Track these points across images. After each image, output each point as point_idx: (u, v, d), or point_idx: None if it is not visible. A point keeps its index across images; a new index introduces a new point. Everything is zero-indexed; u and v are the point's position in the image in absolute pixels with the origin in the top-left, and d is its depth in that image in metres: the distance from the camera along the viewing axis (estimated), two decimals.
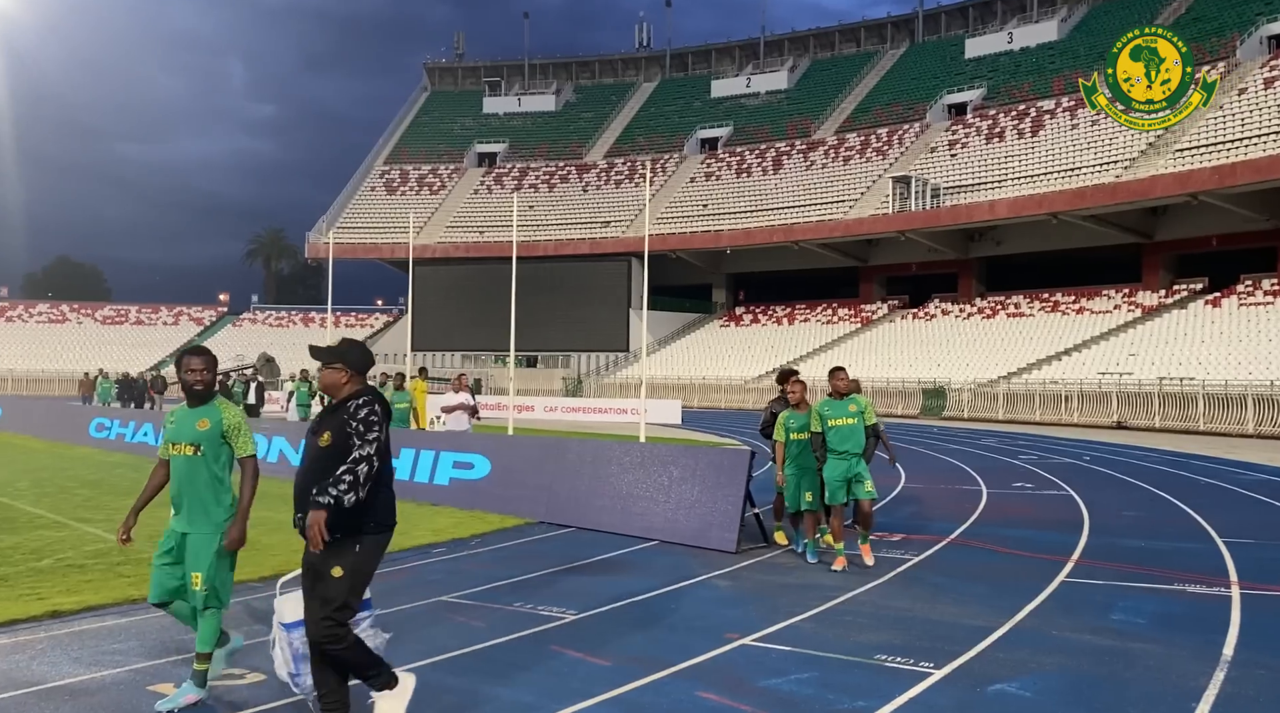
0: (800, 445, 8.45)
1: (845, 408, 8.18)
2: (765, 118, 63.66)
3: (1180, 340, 35.00)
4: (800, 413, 8.52)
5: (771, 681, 5.16)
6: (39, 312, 68.01)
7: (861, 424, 8.19)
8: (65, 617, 6.40)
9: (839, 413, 8.16)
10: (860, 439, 8.16)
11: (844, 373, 8.38)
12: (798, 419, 8.49)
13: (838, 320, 51.71)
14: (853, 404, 8.20)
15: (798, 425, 8.47)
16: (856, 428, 8.14)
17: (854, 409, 8.18)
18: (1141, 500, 12.85)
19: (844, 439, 8.09)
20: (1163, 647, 5.81)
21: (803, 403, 8.63)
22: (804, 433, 8.38)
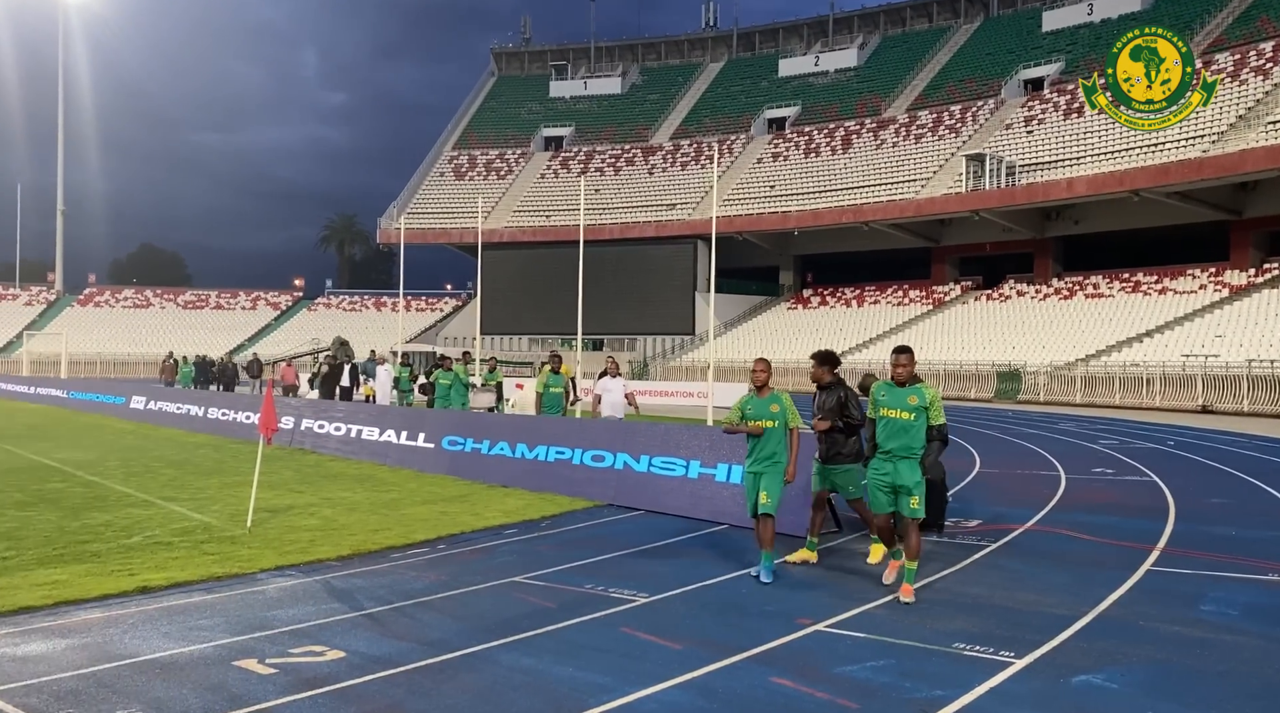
0: (759, 438, 7.23)
1: (904, 398, 6.75)
2: (834, 97, 62.66)
3: (1271, 321, 33.58)
4: (760, 398, 7.28)
5: (846, 667, 5.09)
6: (124, 297, 70.46)
7: (922, 421, 6.72)
8: (154, 592, 6.62)
9: (895, 402, 6.77)
10: (916, 439, 6.70)
11: (908, 357, 6.86)
12: (755, 405, 7.25)
13: (909, 302, 50.81)
14: (914, 395, 6.73)
15: (754, 413, 7.25)
16: (913, 426, 6.69)
17: (914, 401, 6.71)
18: (1230, 487, 12.38)
19: (893, 435, 6.71)
20: (1257, 639, 5.58)
21: (765, 387, 7.34)
22: (763, 421, 7.20)
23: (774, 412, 7.19)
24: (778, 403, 7.23)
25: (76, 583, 6.77)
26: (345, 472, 13.36)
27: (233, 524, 9.15)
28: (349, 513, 9.95)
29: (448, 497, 11.05)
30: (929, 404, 6.75)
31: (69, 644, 5.42)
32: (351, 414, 16.28)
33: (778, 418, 7.19)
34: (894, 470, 6.68)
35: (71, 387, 32.43)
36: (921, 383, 6.84)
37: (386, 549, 8.22)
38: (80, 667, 5.01)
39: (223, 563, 7.50)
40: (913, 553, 6.61)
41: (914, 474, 6.65)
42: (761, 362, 7.53)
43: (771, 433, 7.18)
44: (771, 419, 7.18)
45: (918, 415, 6.72)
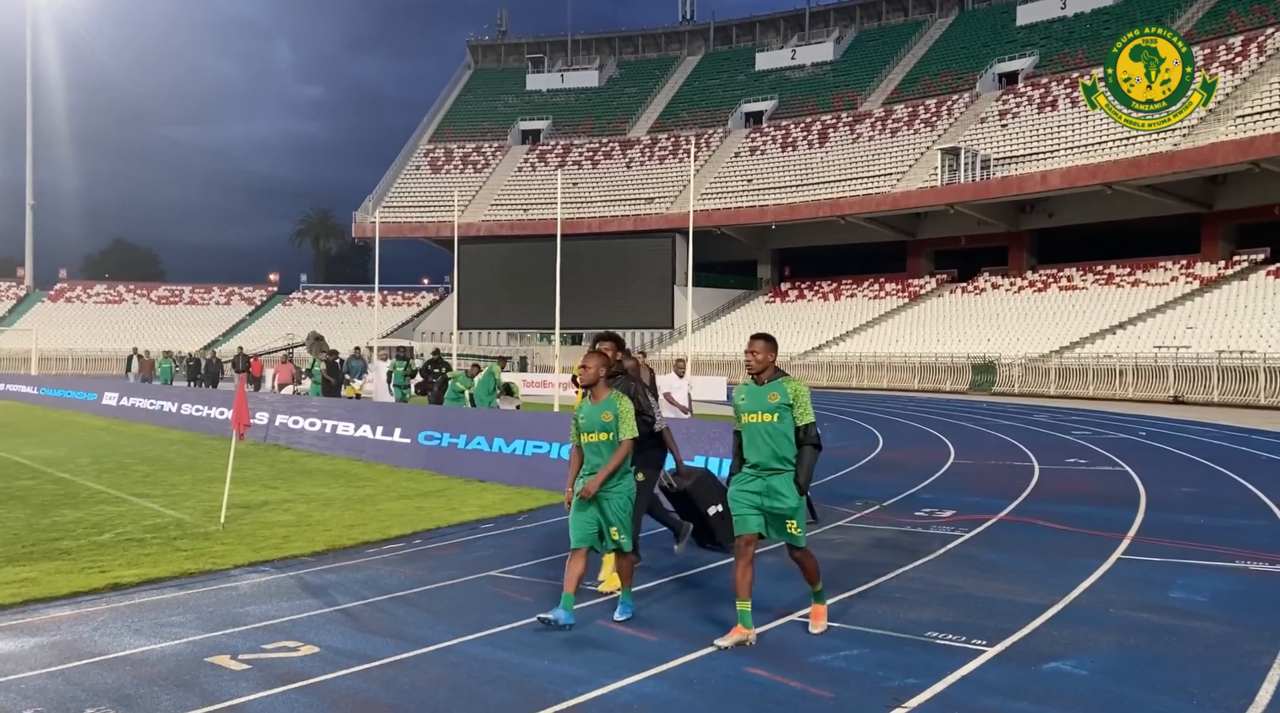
0: (592, 448, 5.86)
1: (764, 397, 5.54)
2: (811, 90, 62.81)
3: (1240, 313, 34.04)
4: (593, 405, 5.89)
5: (821, 657, 5.12)
6: (96, 293, 69.65)
7: (787, 423, 5.49)
8: (126, 589, 6.56)
9: (755, 404, 5.55)
10: (785, 445, 5.47)
11: (761, 345, 5.66)
12: (586, 411, 5.88)
13: (885, 295, 51.10)
14: (774, 392, 5.54)
15: (586, 420, 5.86)
16: (777, 429, 5.47)
17: (775, 399, 5.51)
18: (1200, 476, 12.55)
19: (757, 444, 5.51)
20: (1224, 626, 5.67)
21: (599, 385, 5.96)
22: (596, 433, 5.82)
23: (605, 421, 5.83)
24: (609, 410, 5.83)
25: (46, 581, 6.70)
26: (320, 467, 13.28)
27: (206, 521, 9.08)
28: (323, 509, 9.90)
29: (424, 492, 11.02)
30: (792, 400, 5.53)
31: (38, 643, 5.36)
32: (326, 409, 16.19)
33: (610, 428, 5.84)
34: (765, 489, 5.47)
35: (42, 383, 32.04)
36: (784, 377, 5.64)
37: (361, 545, 8.19)
38: (49, 665, 4.96)
39: (195, 559, 7.44)
40: (812, 576, 5.67)
41: (790, 494, 5.44)
42: (594, 353, 6.06)
43: (607, 447, 5.81)
44: (604, 430, 5.83)
45: (781, 416, 5.49)
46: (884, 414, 24.48)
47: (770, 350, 5.67)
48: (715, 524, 7.73)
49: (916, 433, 19.25)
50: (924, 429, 20.04)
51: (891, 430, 19.68)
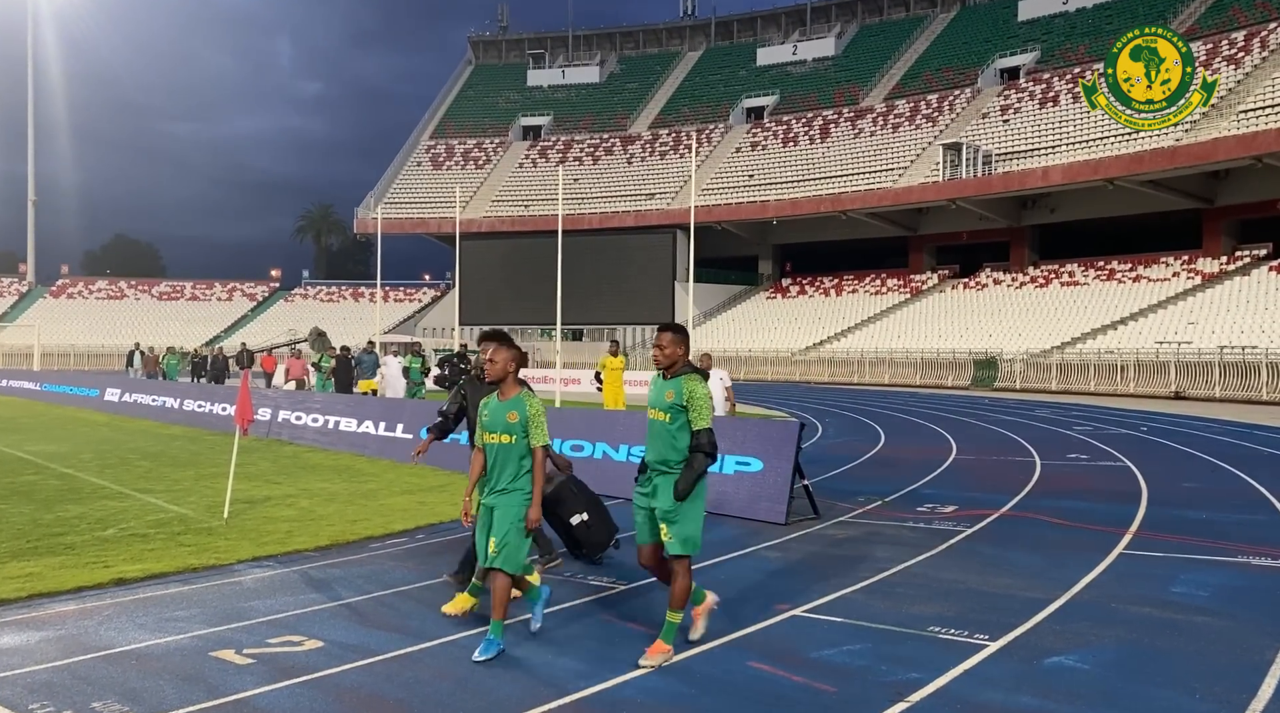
0: (494, 450, 5.22)
1: (661, 394, 5.12)
2: (812, 86, 62.73)
3: (1242, 308, 34.01)
4: (499, 402, 5.26)
5: (823, 651, 5.13)
6: (98, 288, 69.66)
7: (680, 426, 5.05)
8: (130, 584, 6.58)
9: (654, 399, 5.17)
10: (672, 448, 5.05)
11: (669, 337, 5.18)
12: (491, 409, 5.26)
13: (886, 291, 51.06)
14: (671, 389, 5.07)
15: (489, 419, 5.25)
16: (669, 430, 5.06)
17: (670, 398, 5.05)
18: (1202, 472, 12.56)
19: (650, 443, 5.18)
20: (1226, 620, 5.68)
21: (508, 381, 5.32)
22: (498, 434, 5.20)
23: (510, 422, 5.17)
24: (515, 410, 5.21)
25: (50, 575, 6.72)
26: (323, 463, 13.30)
27: (209, 516, 9.10)
28: (327, 504, 9.92)
29: (427, 487, 11.03)
30: (686, 401, 5.01)
31: (43, 637, 5.38)
32: (329, 405, 16.20)
33: (515, 430, 5.19)
34: (652, 490, 5.08)
35: (44, 379, 32.08)
36: (688, 374, 5.12)
37: (365, 539, 8.20)
38: (54, 659, 4.98)
39: (199, 554, 7.46)
40: (676, 600, 5.03)
41: (668, 497, 5.00)
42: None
43: (508, 451, 5.20)
44: (507, 431, 5.19)
45: (674, 416, 5.05)
46: (886, 410, 24.48)
47: (679, 343, 5.19)
48: (581, 534, 7.08)
49: (918, 429, 19.26)
50: (926, 425, 20.05)
51: (893, 426, 19.69)
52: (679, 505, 5.01)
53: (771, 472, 9.11)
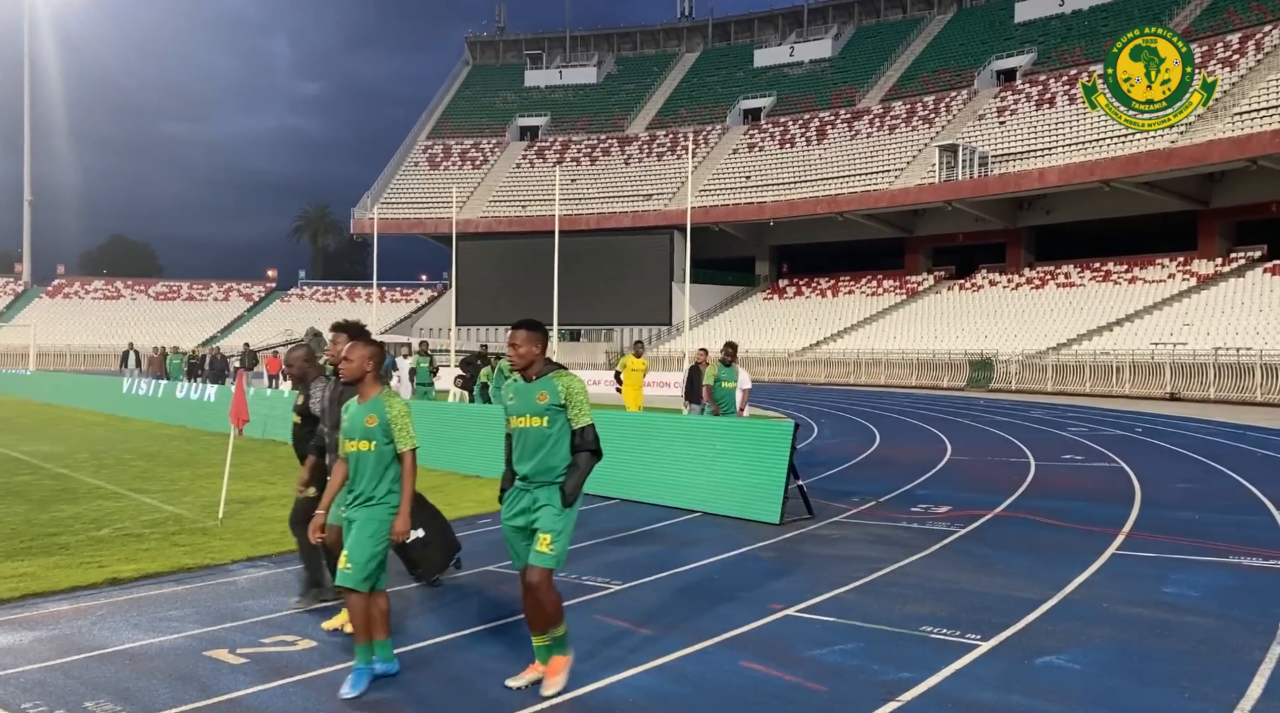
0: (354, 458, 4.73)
1: (531, 398, 4.61)
2: (809, 87, 62.80)
3: (1237, 310, 34.10)
4: (359, 405, 4.78)
5: (816, 651, 5.15)
6: (94, 288, 69.58)
7: (560, 427, 4.59)
8: (124, 584, 6.58)
9: (523, 406, 4.63)
10: (557, 454, 4.57)
11: (524, 336, 4.68)
12: (351, 413, 4.79)
13: (883, 292, 51.13)
14: (543, 391, 4.60)
15: (349, 425, 4.75)
16: (549, 435, 4.57)
17: (544, 400, 4.58)
18: (1195, 473, 12.59)
19: (526, 453, 4.61)
20: (1217, 620, 5.71)
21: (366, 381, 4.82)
22: (357, 441, 4.68)
23: (369, 427, 4.67)
24: (374, 413, 4.68)
25: (45, 575, 6.72)
26: None
27: (204, 516, 9.10)
28: None
29: (422, 487, 10.93)
30: (565, 399, 4.59)
31: (36, 637, 5.38)
32: None
33: (375, 435, 4.69)
34: (531, 502, 4.58)
35: (40, 379, 32.00)
36: (555, 371, 4.67)
37: None
38: (48, 659, 4.98)
39: (194, 554, 7.47)
40: (551, 616, 4.55)
41: (553, 504, 4.53)
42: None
43: (367, 458, 4.67)
44: (367, 437, 4.69)
45: (552, 419, 4.56)
46: (881, 410, 24.52)
47: (535, 341, 4.66)
48: (415, 552, 6.48)
49: (913, 429, 19.29)
50: (921, 425, 20.08)
51: (888, 427, 19.72)
52: (567, 513, 4.55)
53: (766, 472, 9.12)
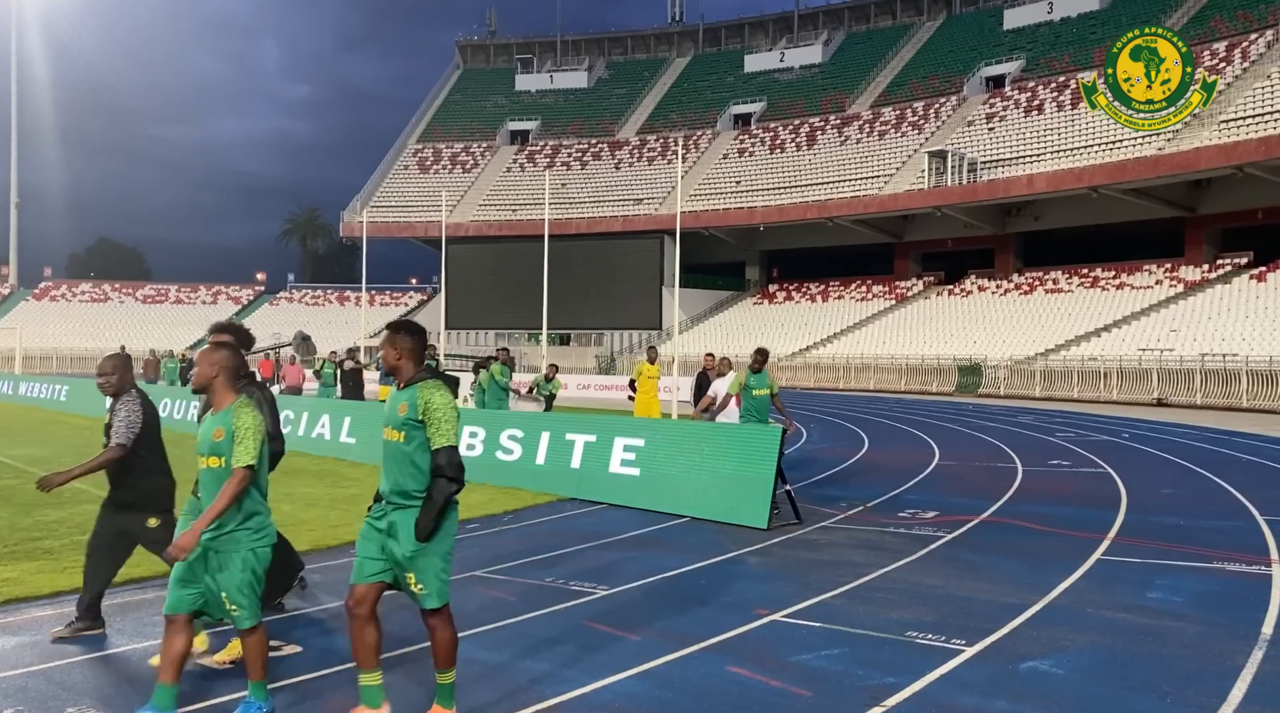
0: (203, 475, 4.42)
1: (393, 409, 4.19)
2: (799, 93, 62.96)
3: (1223, 316, 34.30)
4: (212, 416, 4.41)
5: (801, 656, 5.16)
6: (82, 291, 69.22)
7: (419, 445, 4.10)
8: (109, 589, 6.54)
9: (388, 416, 4.22)
10: (405, 476, 4.11)
11: (388, 338, 4.26)
12: (204, 425, 4.42)
13: (872, 297, 51.26)
14: (404, 402, 4.13)
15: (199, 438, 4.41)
16: (405, 452, 4.11)
17: (404, 412, 4.11)
18: (1181, 478, 12.66)
19: (383, 467, 4.25)
20: (1200, 625, 5.74)
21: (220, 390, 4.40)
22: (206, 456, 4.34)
23: (216, 441, 4.26)
24: (222, 425, 4.24)
25: (28, 580, 6.69)
26: (306, 467, 13.25)
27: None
28: (308, 508, 9.89)
29: None
30: (423, 415, 4.06)
31: (19, 642, 5.36)
32: (313, 409, 16.16)
33: (223, 450, 4.24)
34: (389, 527, 4.12)
35: (26, 381, 31.82)
36: (422, 382, 4.14)
37: (346, 545, 8.17)
38: (30, 664, 4.96)
39: None
40: (441, 658, 4.14)
41: (406, 538, 4.04)
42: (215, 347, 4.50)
43: (216, 476, 4.28)
44: (215, 453, 4.26)
45: (409, 434, 4.08)
46: (870, 416, 24.58)
47: (399, 345, 4.20)
48: None
49: (902, 434, 19.34)
50: (909, 431, 20.13)
51: (877, 432, 19.77)
52: (422, 548, 4.04)
53: (754, 477, 9.14)
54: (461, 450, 12.06)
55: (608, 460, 10.55)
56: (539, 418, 12.82)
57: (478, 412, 14.37)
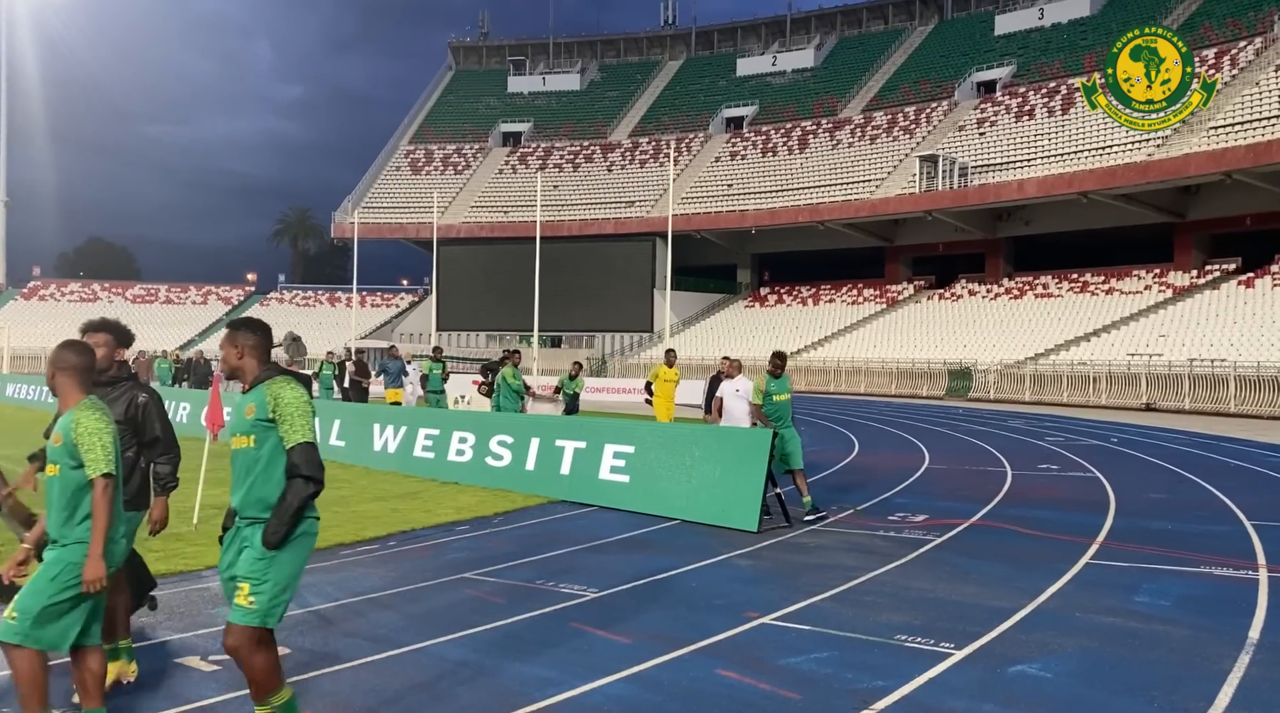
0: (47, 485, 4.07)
1: (240, 413, 3.89)
2: (791, 96, 63.09)
3: (1212, 321, 34.48)
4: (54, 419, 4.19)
5: (790, 659, 5.17)
6: (70, 291, 68.90)
7: (272, 449, 3.76)
8: None
9: (235, 423, 3.91)
10: (261, 485, 3.76)
11: (229, 337, 3.94)
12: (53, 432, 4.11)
13: (863, 301, 51.38)
14: (251, 403, 3.83)
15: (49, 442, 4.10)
16: (257, 457, 3.77)
17: (251, 413, 3.81)
18: (1169, 483, 12.72)
19: (234, 480, 3.85)
20: (1187, 629, 5.77)
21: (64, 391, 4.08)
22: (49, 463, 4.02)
23: (55, 447, 3.93)
24: (62, 433, 3.90)
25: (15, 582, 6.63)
26: None
27: (178, 522, 8.99)
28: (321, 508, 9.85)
29: (400, 494, 10.99)
30: (273, 413, 3.74)
31: None
32: None
33: (60, 457, 3.91)
34: (239, 545, 3.79)
35: (13, 382, 31.65)
36: (270, 380, 3.82)
37: (335, 546, 8.17)
38: None
39: (167, 561, 7.40)
40: (258, 688, 3.76)
41: (254, 546, 3.69)
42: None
43: (54, 485, 3.95)
44: (54, 460, 3.94)
45: (260, 438, 3.75)
46: (860, 419, 24.63)
47: (237, 343, 3.87)
48: None
49: (892, 438, 19.38)
50: (899, 434, 20.18)
51: (867, 435, 19.81)
52: (272, 558, 3.64)
53: (744, 480, 9.15)
54: (450, 456, 12.18)
55: (597, 467, 10.54)
56: (529, 423, 12.81)
57: (466, 414, 14.36)
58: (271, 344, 3.98)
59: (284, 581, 3.70)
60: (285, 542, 3.67)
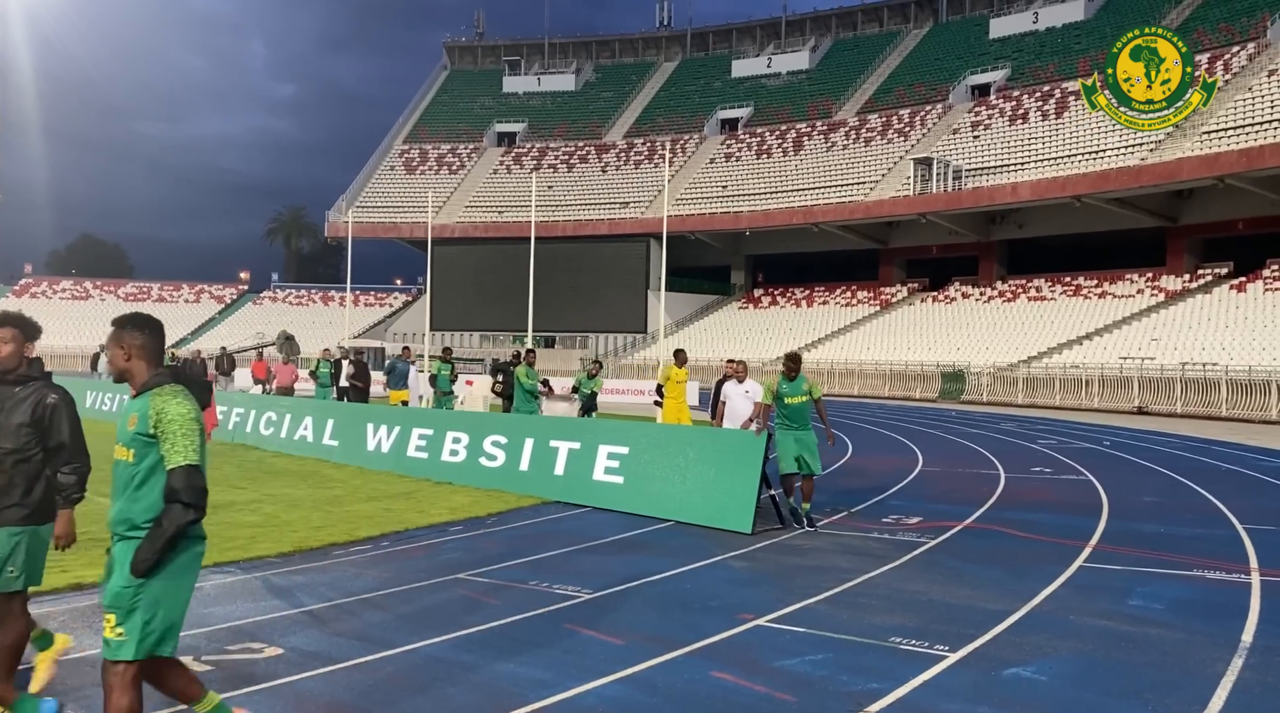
0: None
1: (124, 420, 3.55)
2: (786, 98, 63.16)
3: (1204, 325, 34.61)
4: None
5: (785, 661, 5.16)
6: (63, 288, 68.69)
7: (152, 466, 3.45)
8: (87, 589, 6.48)
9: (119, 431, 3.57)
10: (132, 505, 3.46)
11: (115, 336, 3.59)
12: None
13: (857, 303, 51.45)
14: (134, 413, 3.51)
15: None
16: (136, 473, 3.46)
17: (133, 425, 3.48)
18: (1161, 486, 12.75)
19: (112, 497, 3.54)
20: (1180, 633, 5.78)
21: None
22: None
23: None
24: None
25: None
26: (288, 468, 13.19)
27: None
28: (291, 510, 9.83)
29: (393, 494, 10.97)
30: (155, 429, 3.41)
31: None
32: (296, 410, 16.06)
33: None
34: (108, 564, 3.53)
35: None
36: (157, 389, 3.49)
37: (329, 546, 8.14)
38: None
39: None
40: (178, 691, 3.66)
41: (123, 572, 3.38)
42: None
43: None
44: None
45: (140, 452, 3.45)
46: (854, 421, 24.65)
47: (122, 343, 3.55)
48: None
49: (885, 440, 19.40)
50: (893, 436, 20.20)
51: (861, 437, 19.83)
52: (140, 585, 3.35)
53: (738, 481, 9.14)
54: (444, 456, 12.16)
55: (592, 468, 10.52)
56: (523, 423, 12.79)
57: (459, 414, 14.33)
58: (164, 344, 3.63)
59: (155, 609, 3.37)
60: (156, 570, 3.36)
